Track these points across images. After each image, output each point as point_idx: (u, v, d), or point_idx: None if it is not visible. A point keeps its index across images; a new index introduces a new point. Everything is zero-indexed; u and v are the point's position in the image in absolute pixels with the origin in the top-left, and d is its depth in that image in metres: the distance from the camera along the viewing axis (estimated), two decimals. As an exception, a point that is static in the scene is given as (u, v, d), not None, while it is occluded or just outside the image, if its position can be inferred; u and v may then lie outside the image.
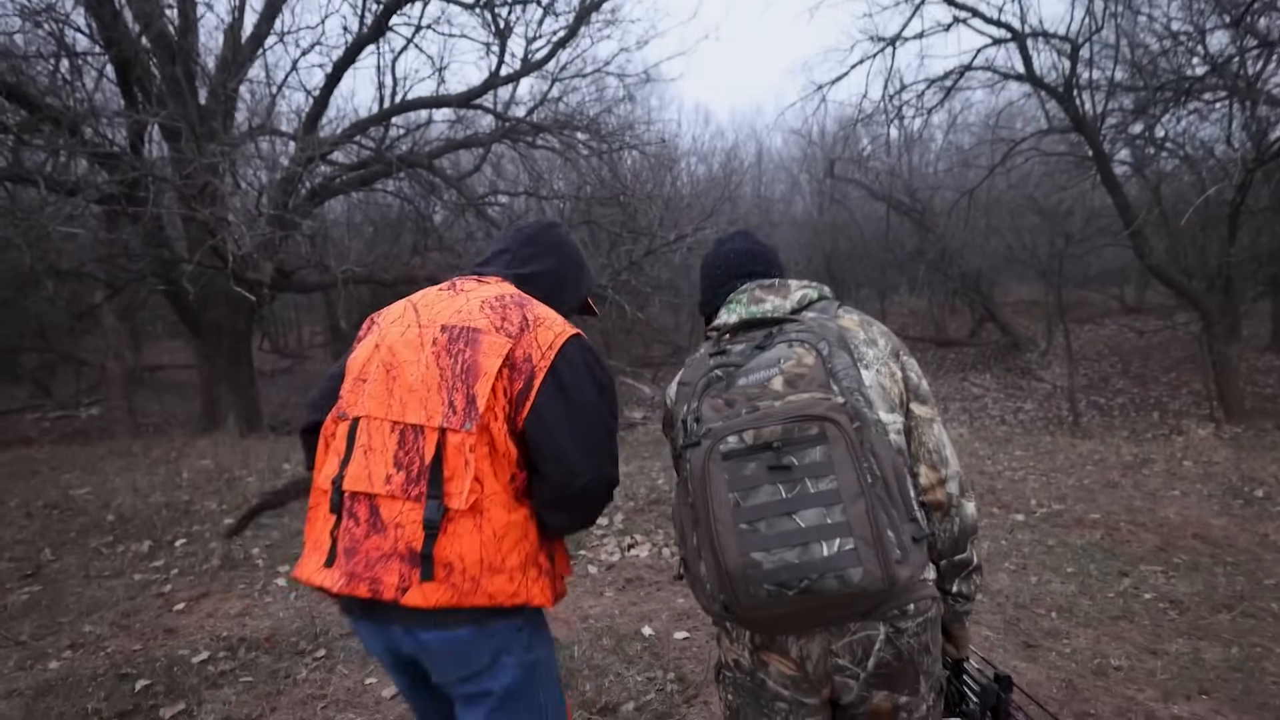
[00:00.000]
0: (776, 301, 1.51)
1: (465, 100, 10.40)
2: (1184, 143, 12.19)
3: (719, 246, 1.70)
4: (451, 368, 1.41)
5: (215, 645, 3.31)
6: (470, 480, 1.36)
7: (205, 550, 4.56)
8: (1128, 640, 3.27)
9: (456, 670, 1.42)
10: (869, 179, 17.32)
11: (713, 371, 1.36)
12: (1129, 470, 6.38)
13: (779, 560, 1.15)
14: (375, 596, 1.34)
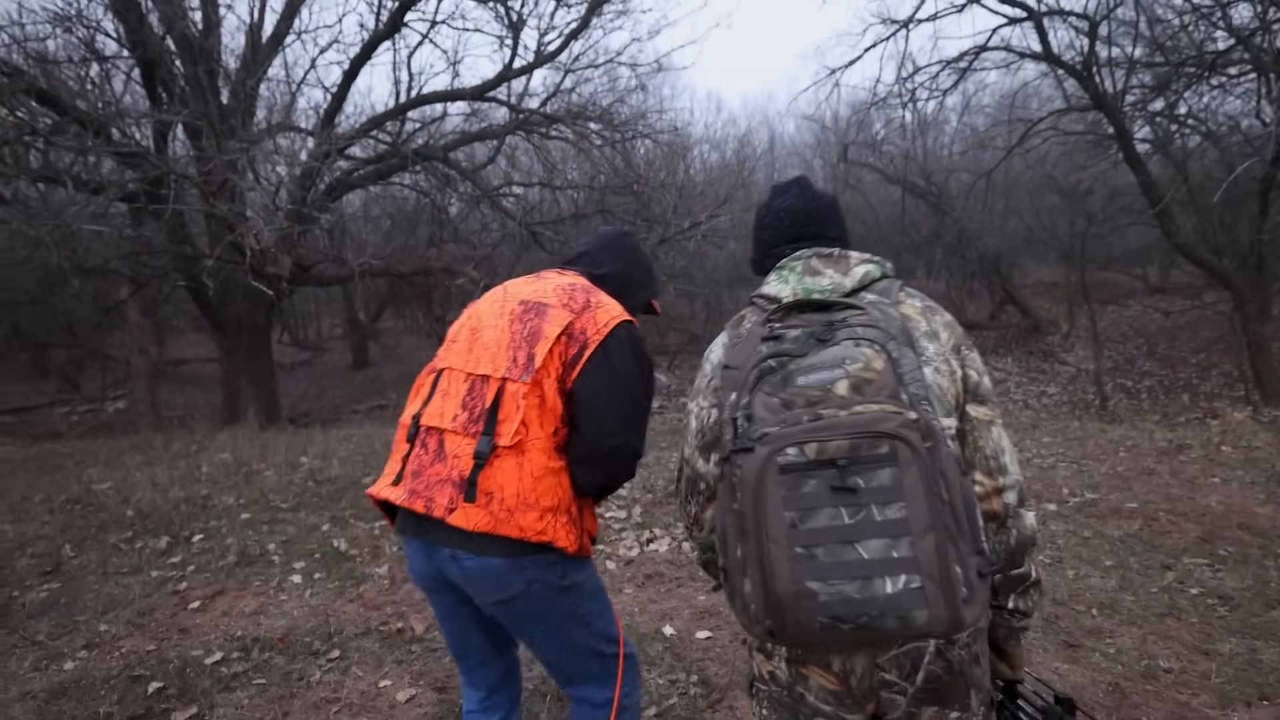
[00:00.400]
0: (835, 278, 1.37)
1: (479, 93, 10.33)
2: (1206, 119, 11.83)
3: (771, 200, 1.55)
4: (520, 331, 1.66)
5: (229, 645, 3.22)
6: (518, 423, 1.58)
7: (222, 546, 4.48)
8: (1176, 639, 3.06)
9: (494, 594, 1.62)
10: (883, 163, 16.99)
11: (765, 361, 1.21)
12: (1164, 456, 6.13)
13: (836, 593, 1.05)
14: (428, 512, 1.58)
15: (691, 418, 1.40)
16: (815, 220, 1.50)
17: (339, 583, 3.91)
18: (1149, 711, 2.57)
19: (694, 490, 1.40)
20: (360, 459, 6.74)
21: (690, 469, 1.40)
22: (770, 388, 1.18)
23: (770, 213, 1.53)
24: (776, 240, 1.50)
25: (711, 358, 1.42)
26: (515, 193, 12.34)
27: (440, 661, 3.06)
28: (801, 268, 1.40)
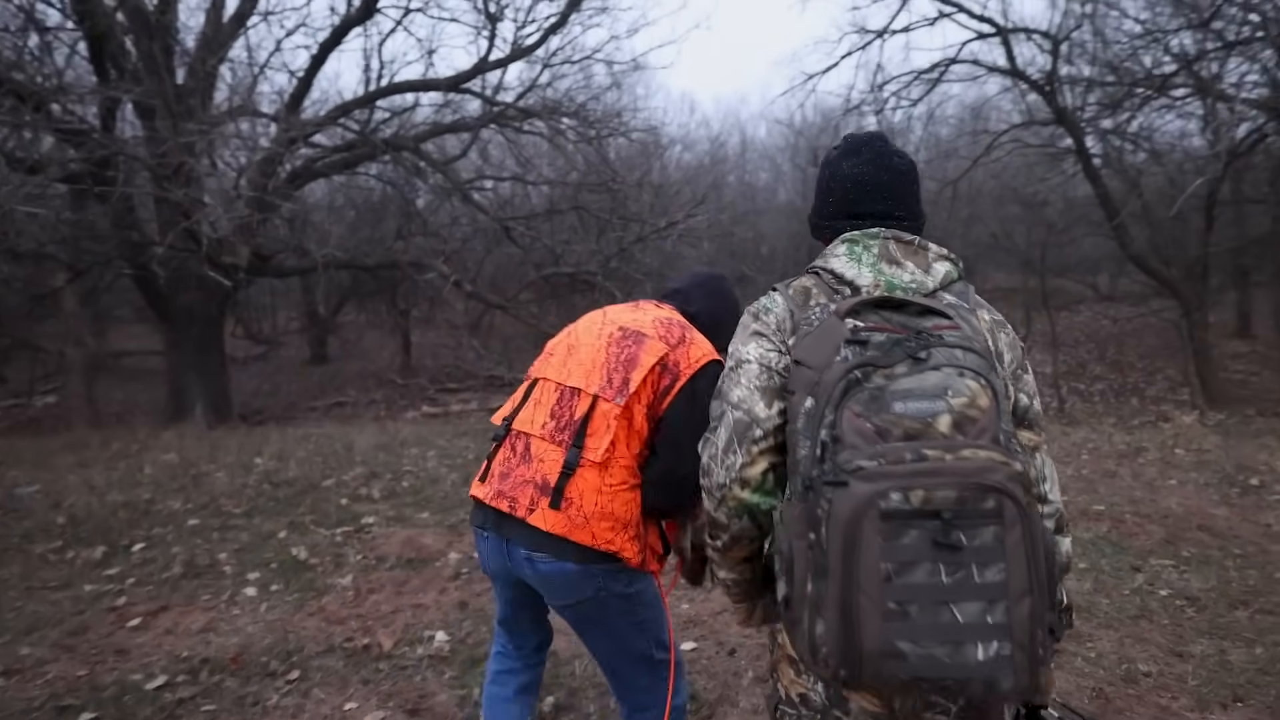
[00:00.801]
0: (917, 274, 1.25)
1: (454, 84, 10.03)
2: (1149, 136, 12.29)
3: (841, 160, 1.36)
4: (617, 355, 1.75)
5: (174, 668, 2.93)
6: (608, 441, 1.68)
7: (166, 556, 4.15)
8: (1151, 642, 3.05)
9: (565, 596, 1.73)
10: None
11: (851, 372, 1.04)
12: (1124, 459, 6.18)
13: (926, 655, 0.95)
14: (511, 511, 1.70)
15: (749, 359, 1.22)
16: (886, 195, 1.33)
17: (298, 595, 3.63)
18: (1133, 716, 2.54)
19: (743, 436, 1.18)
20: (320, 460, 6.42)
21: (741, 411, 1.19)
22: (861, 407, 1.02)
23: (837, 178, 1.36)
24: (838, 211, 1.35)
25: (774, 309, 1.27)
26: (487, 187, 12.05)
27: (411, 680, 2.83)
28: (878, 251, 1.26)
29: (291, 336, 20.02)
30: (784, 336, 1.24)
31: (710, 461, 1.22)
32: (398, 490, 5.46)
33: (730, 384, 1.23)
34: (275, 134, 8.65)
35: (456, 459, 6.44)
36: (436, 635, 3.16)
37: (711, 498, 1.22)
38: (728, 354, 1.29)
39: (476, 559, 3.96)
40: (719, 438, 1.21)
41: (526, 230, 10.68)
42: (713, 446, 1.22)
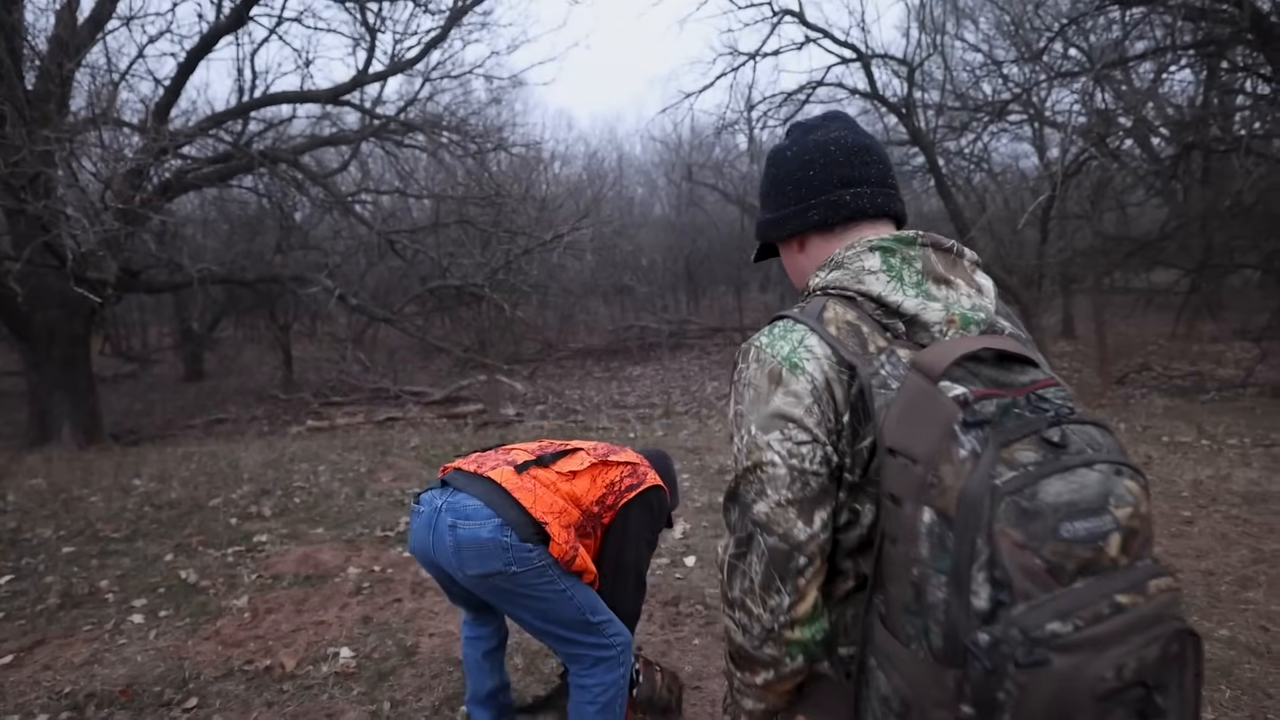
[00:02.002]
0: (974, 297, 0.97)
1: (334, 96, 9.62)
2: (988, 157, 13.41)
3: (807, 135, 1.09)
4: (602, 449, 2.18)
5: (56, 705, 2.69)
6: (577, 466, 2.04)
7: (39, 587, 3.79)
8: None
9: (477, 566, 1.83)
10: (724, 184, 17.68)
11: (991, 468, 0.75)
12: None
13: None
14: (476, 470, 1.96)
15: (774, 458, 0.91)
16: (877, 159, 1.06)
17: (190, 619, 3.40)
18: None
19: (784, 570, 0.90)
20: (204, 479, 6.02)
21: (777, 539, 0.90)
22: (1020, 534, 0.73)
23: (812, 148, 1.06)
24: (825, 182, 1.04)
25: (807, 363, 0.92)
26: (369, 200, 11.64)
27: (317, 699, 2.72)
28: (921, 264, 0.96)
29: (165, 353, 18.57)
30: (827, 411, 0.90)
31: (745, 598, 0.93)
32: (290, 507, 5.20)
33: (752, 491, 0.93)
34: (143, 144, 8.01)
35: (349, 473, 6.20)
36: (341, 652, 3.04)
37: (753, 639, 0.94)
38: (739, 429, 0.97)
39: (376, 572, 3.90)
40: (753, 570, 0.92)
41: (411, 243, 10.39)
42: (744, 579, 0.93)
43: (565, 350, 18.01)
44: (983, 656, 0.72)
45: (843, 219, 1.04)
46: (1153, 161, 12.22)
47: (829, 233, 1.06)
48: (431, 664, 2.95)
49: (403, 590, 3.66)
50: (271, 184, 10.47)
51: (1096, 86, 10.76)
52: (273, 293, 12.13)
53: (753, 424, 0.93)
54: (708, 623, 3.26)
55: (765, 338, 0.98)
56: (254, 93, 9.63)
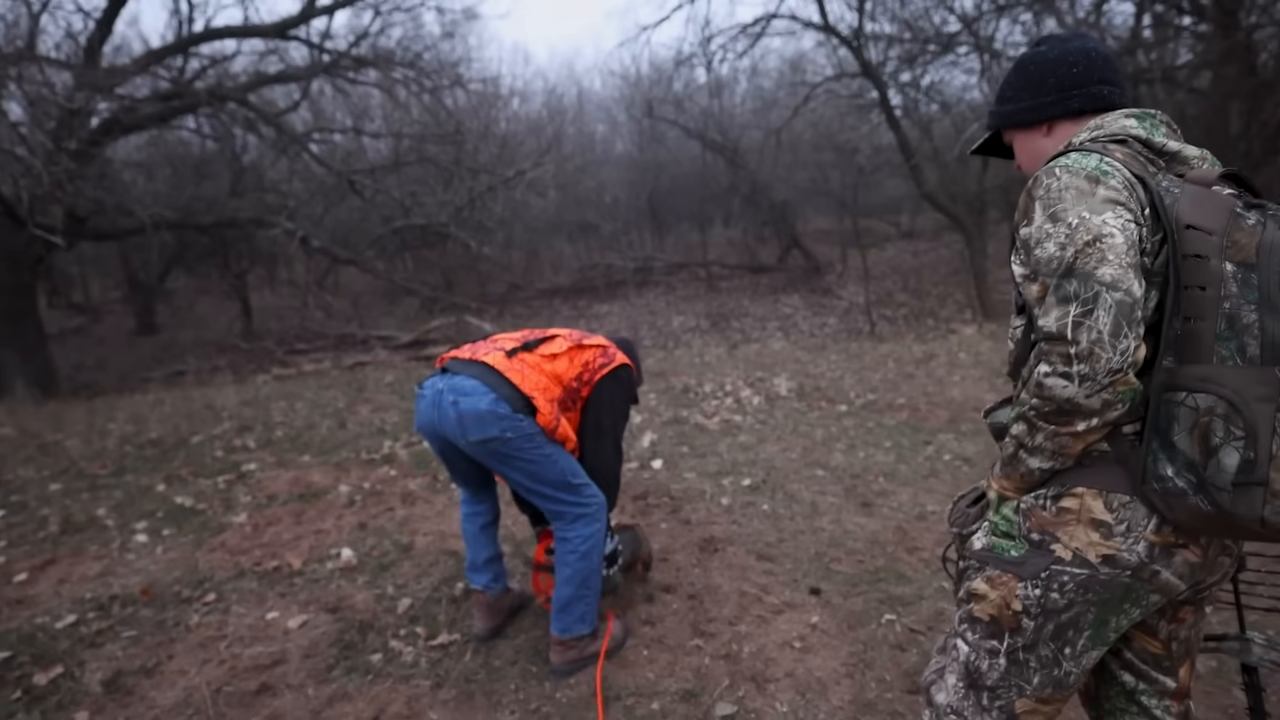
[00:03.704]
0: (1200, 153, 1.25)
1: (281, 30, 9.34)
2: (940, 90, 13.64)
3: (1067, 43, 1.35)
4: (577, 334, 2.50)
5: (81, 608, 2.94)
6: (557, 349, 2.35)
7: (36, 518, 3.98)
8: (937, 492, 3.79)
9: (477, 433, 2.12)
10: (685, 119, 17.65)
11: (1277, 231, 1.06)
12: (920, 364, 7.20)
13: None
14: (471, 357, 2.25)
15: (1112, 232, 1.09)
16: (1117, 68, 1.34)
17: (194, 535, 3.66)
18: (922, 541, 3.22)
19: (1130, 319, 1.06)
20: (183, 419, 6.17)
21: (1121, 292, 1.06)
22: None
23: (1073, 52, 1.33)
24: (1085, 79, 1.31)
25: (1114, 172, 1.15)
26: (331, 139, 11.42)
27: (326, 588, 3.02)
28: (1165, 127, 1.27)
29: (114, 306, 18.11)
30: (1137, 203, 1.14)
31: (1093, 347, 1.06)
32: (273, 439, 5.42)
33: (1092, 259, 1.08)
34: (75, 82, 7.68)
35: (327, 408, 6.41)
36: (343, 552, 3.32)
37: (1093, 383, 1.08)
38: (1060, 222, 1.13)
39: (367, 489, 4.17)
40: (1102, 324, 1.06)
41: (372, 183, 10.31)
42: (1094, 330, 1.06)
43: (532, 290, 18.07)
44: None
45: (1095, 108, 1.31)
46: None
47: (1078, 119, 1.33)
48: (427, 555, 3.26)
49: (394, 501, 3.95)
50: (217, 124, 10.20)
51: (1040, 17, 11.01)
52: (226, 239, 11.93)
53: (1083, 210, 1.11)
54: (672, 511, 3.64)
55: (1067, 159, 1.18)
56: (192, 27, 9.30)
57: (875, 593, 2.78)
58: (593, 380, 2.39)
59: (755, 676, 2.31)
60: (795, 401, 5.87)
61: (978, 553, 1.30)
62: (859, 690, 2.23)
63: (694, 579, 2.93)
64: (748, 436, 4.91)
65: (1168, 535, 1.14)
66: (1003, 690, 1.24)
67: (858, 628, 2.55)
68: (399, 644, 2.57)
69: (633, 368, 2.56)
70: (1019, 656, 1.22)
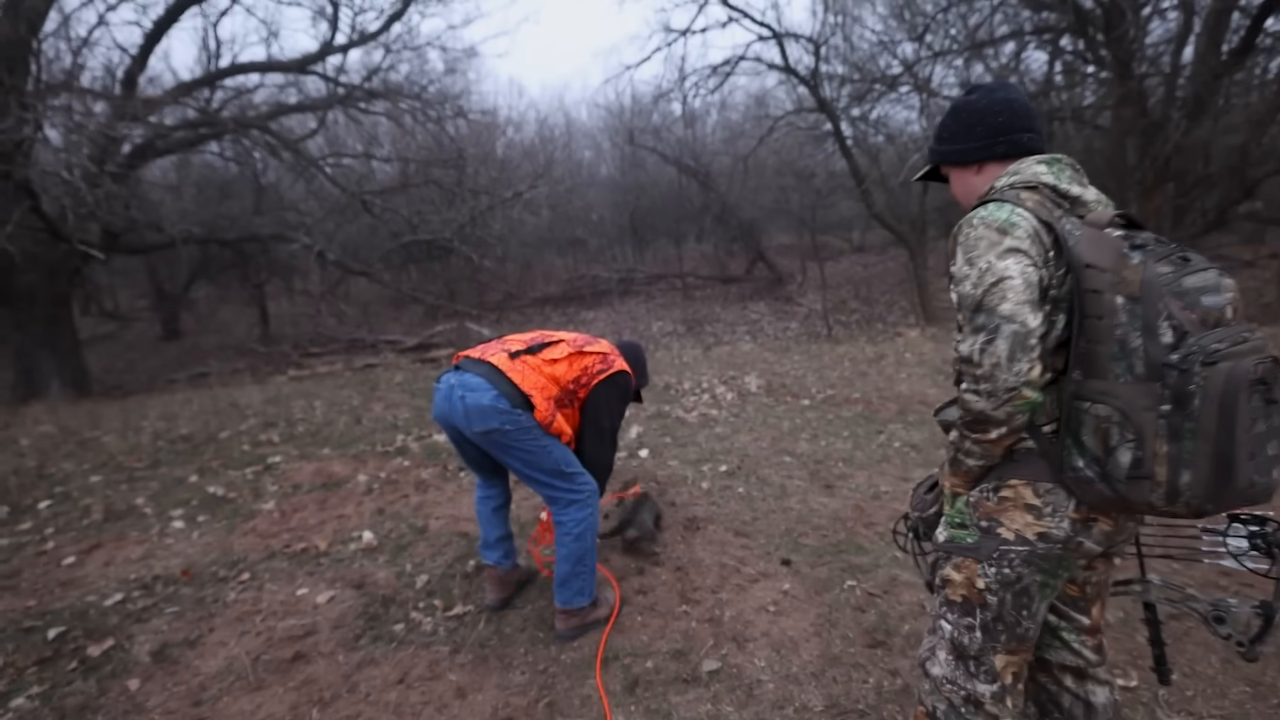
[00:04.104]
0: (1097, 193, 1.32)
1: (302, 66, 9.33)
2: (886, 123, 13.90)
3: (992, 93, 1.41)
4: (580, 339, 2.49)
5: (127, 586, 2.92)
6: (559, 356, 2.34)
7: (79, 508, 3.92)
8: (889, 475, 3.86)
9: (480, 425, 2.16)
10: (663, 147, 17.74)
11: (1155, 269, 1.14)
12: (872, 363, 7.29)
13: (1264, 481, 1.12)
14: (480, 357, 2.26)
15: (1011, 275, 1.19)
16: (1036, 117, 1.38)
17: (226, 521, 3.63)
18: (878, 517, 3.29)
19: (1025, 347, 1.17)
20: (211, 416, 6.09)
21: (1016, 324, 1.17)
22: (1181, 302, 1.12)
23: (998, 102, 1.38)
24: (1009, 127, 1.36)
25: (1021, 223, 1.23)
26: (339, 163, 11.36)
27: (350, 567, 3.01)
28: (1069, 171, 1.32)
29: (143, 313, 17.79)
30: (1039, 249, 1.22)
31: (994, 370, 1.18)
32: (295, 434, 5.37)
33: (995, 298, 1.19)
34: (113, 111, 7.60)
35: (343, 405, 6.36)
36: (364, 534, 3.31)
37: (995, 399, 1.20)
38: (974, 266, 1.23)
39: (383, 478, 4.16)
40: (1000, 350, 1.18)
41: (382, 203, 10.26)
42: (993, 355, 1.18)
43: (526, 298, 18.03)
44: (1178, 365, 1.09)
45: (1017, 153, 1.37)
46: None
47: (1003, 161, 1.39)
48: (440, 537, 3.27)
49: (408, 488, 3.94)
50: (240, 149, 10.10)
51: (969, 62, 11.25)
52: (246, 252, 11.78)
53: (991, 257, 1.22)
54: (659, 494, 3.66)
55: (984, 211, 1.27)
56: (219, 61, 9.21)
57: (838, 563, 2.83)
58: (590, 384, 2.40)
59: (736, 637, 2.35)
60: (764, 397, 5.92)
61: (943, 545, 1.40)
62: (826, 646, 2.28)
63: (680, 553, 2.97)
64: (723, 428, 4.95)
65: (1085, 512, 1.25)
66: (984, 655, 1.34)
67: (824, 593, 2.60)
68: (419, 615, 2.58)
69: (630, 374, 2.55)
70: (990, 626, 1.32)
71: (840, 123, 12.91)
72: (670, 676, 2.16)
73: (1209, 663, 2.16)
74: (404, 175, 10.66)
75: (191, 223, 8.77)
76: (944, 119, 1.47)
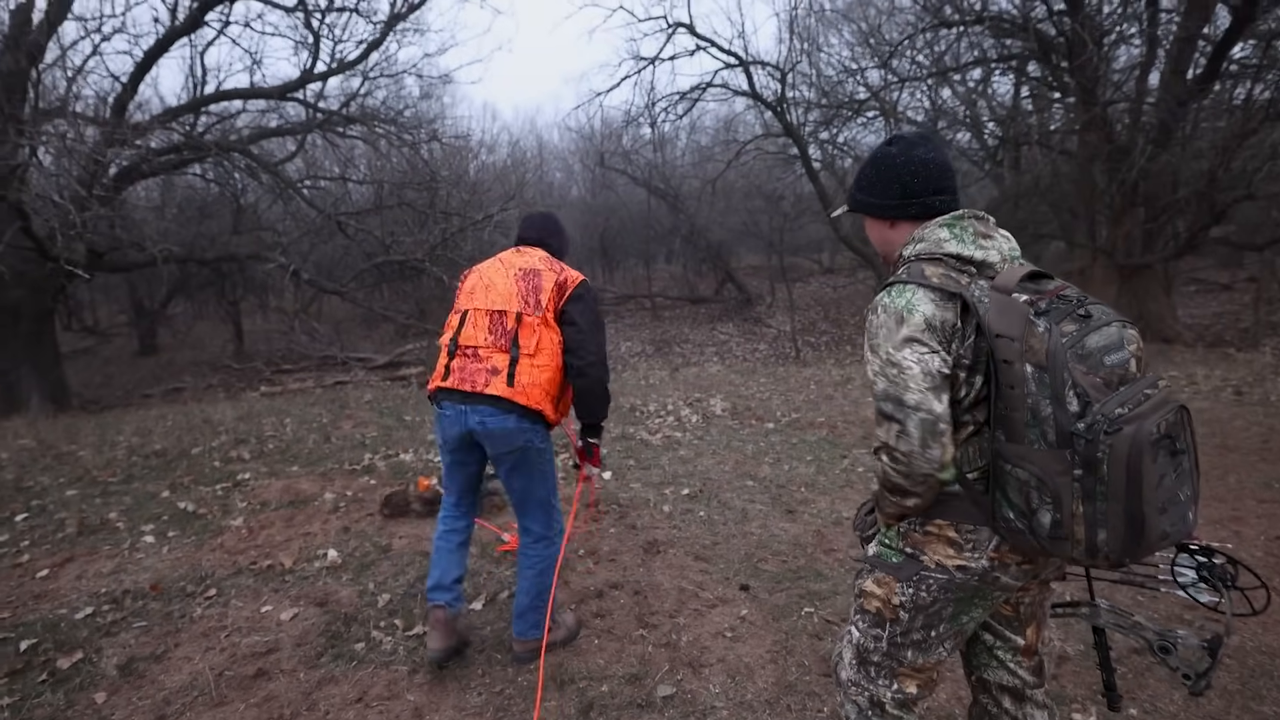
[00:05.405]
0: (1004, 244, 1.34)
1: (282, 93, 9.47)
2: (853, 146, 14.22)
3: (911, 150, 1.41)
4: (525, 287, 2.26)
5: (96, 600, 2.92)
6: (535, 340, 2.20)
7: (54, 521, 3.90)
8: (851, 500, 3.89)
9: (505, 446, 2.21)
10: (632, 169, 17.99)
11: (1059, 335, 1.16)
12: (839, 386, 7.44)
13: (1175, 529, 1.16)
14: (472, 389, 2.19)
15: (910, 367, 1.23)
16: (951, 175, 1.41)
17: (196, 537, 3.63)
18: (839, 543, 3.33)
19: (934, 432, 1.21)
20: (184, 432, 6.04)
21: (924, 413, 1.21)
22: (1084, 366, 1.15)
23: (916, 162, 1.39)
24: (923, 189, 1.38)
25: (918, 309, 1.25)
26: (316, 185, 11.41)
27: (314, 585, 3.04)
28: (972, 230, 1.33)
29: (120, 328, 17.53)
30: (942, 333, 1.24)
31: (911, 454, 1.23)
32: (265, 451, 5.36)
33: (899, 388, 1.23)
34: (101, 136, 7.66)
35: (313, 423, 6.35)
36: (329, 552, 3.33)
37: (913, 479, 1.25)
38: (876, 354, 1.27)
39: (350, 496, 4.18)
40: (913, 437, 1.22)
41: (357, 224, 10.34)
42: (909, 442, 1.23)
43: (497, 318, 17.99)
44: (1084, 434, 1.11)
45: (929, 215, 1.39)
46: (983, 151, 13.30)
47: (915, 222, 1.40)
48: (403, 556, 3.31)
49: (373, 508, 3.97)
50: (221, 171, 10.12)
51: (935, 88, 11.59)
52: (223, 270, 11.73)
53: (889, 347, 1.25)
54: (620, 517, 3.74)
55: (886, 298, 1.29)
56: (204, 88, 9.29)
57: (797, 589, 2.82)
58: (559, 313, 2.29)
59: (692, 662, 2.36)
60: (729, 420, 5.97)
61: (870, 558, 1.45)
62: (781, 673, 2.28)
63: (639, 577, 2.99)
64: (687, 451, 4.98)
65: (1006, 553, 1.29)
66: (886, 664, 1.41)
67: (781, 619, 2.60)
68: (379, 634, 2.62)
69: (583, 279, 2.35)
70: (897, 640, 1.38)
71: (808, 147, 13.20)
72: (625, 701, 2.17)
73: (1171, 699, 2.13)
74: (378, 197, 10.73)
75: (172, 242, 8.77)
76: (864, 165, 1.48)
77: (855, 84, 12.95)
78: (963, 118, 12.18)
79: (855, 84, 12.95)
